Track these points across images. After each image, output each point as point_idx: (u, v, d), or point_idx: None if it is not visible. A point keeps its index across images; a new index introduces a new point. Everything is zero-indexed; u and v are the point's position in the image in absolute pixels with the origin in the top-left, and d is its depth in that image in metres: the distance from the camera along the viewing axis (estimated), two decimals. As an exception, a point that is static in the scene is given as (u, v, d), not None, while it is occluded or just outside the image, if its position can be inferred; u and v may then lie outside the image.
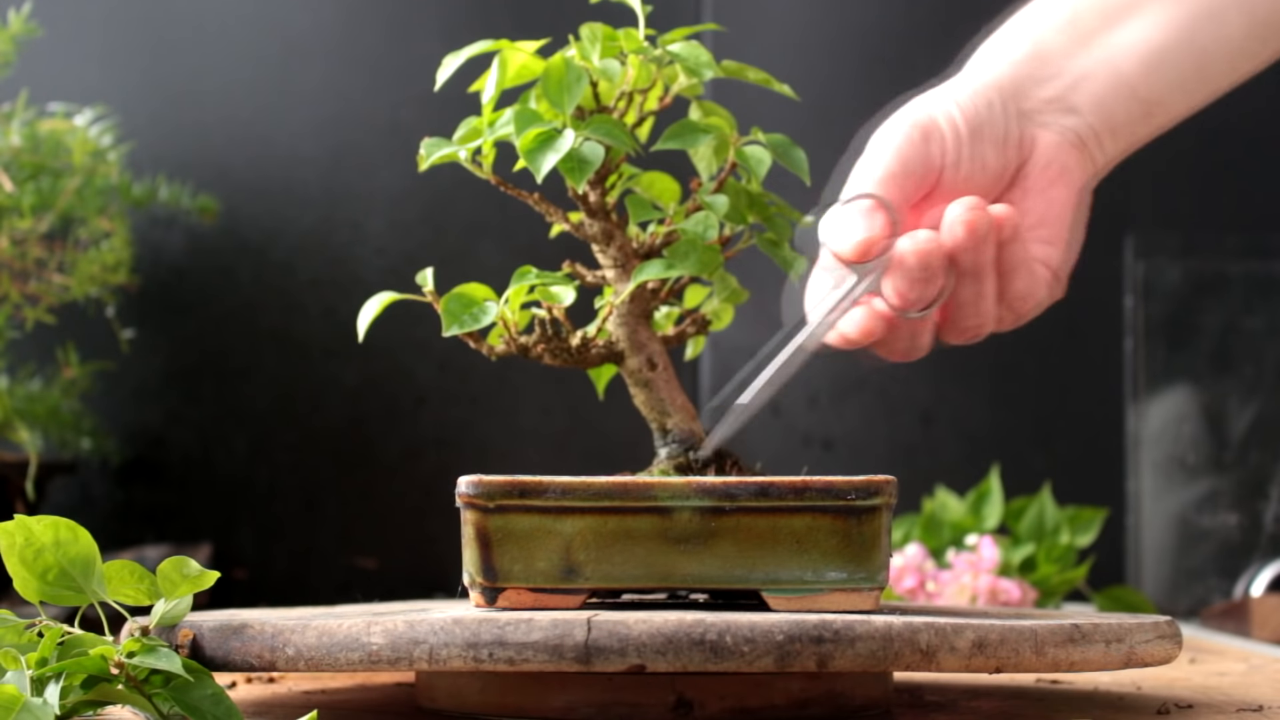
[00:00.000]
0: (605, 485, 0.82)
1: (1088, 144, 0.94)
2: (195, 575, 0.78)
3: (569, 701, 0.82)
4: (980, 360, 1.77)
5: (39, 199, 1.50)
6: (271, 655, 0.80)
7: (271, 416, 1.71)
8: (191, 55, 1.72)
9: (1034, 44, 0.94)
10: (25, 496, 1.48)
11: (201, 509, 1.70)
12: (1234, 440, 1.71)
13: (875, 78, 1.78)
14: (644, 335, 0.93)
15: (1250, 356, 1.73)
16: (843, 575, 0.82)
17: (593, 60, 0.91)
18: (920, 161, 0.91)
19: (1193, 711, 0.88)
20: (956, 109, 0.92)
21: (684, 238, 0.92)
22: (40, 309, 1.53)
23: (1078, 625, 0.81)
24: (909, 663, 0.77)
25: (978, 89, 0.93)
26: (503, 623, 0.76)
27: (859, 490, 0.82)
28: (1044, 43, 0.94)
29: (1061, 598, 1.52)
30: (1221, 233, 1.76)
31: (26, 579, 0.78)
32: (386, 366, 1.72)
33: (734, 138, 0.94)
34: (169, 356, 1.71)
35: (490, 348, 0.93)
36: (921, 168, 0.92)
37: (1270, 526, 1.70)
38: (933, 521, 1.56)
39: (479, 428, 1.73)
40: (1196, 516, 1.72)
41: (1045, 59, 0.94)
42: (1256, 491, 1.71)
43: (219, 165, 1.71)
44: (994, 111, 0.93)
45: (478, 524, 0.82)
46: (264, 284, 1.72)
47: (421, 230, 1.73)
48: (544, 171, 0.88)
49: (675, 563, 0.82)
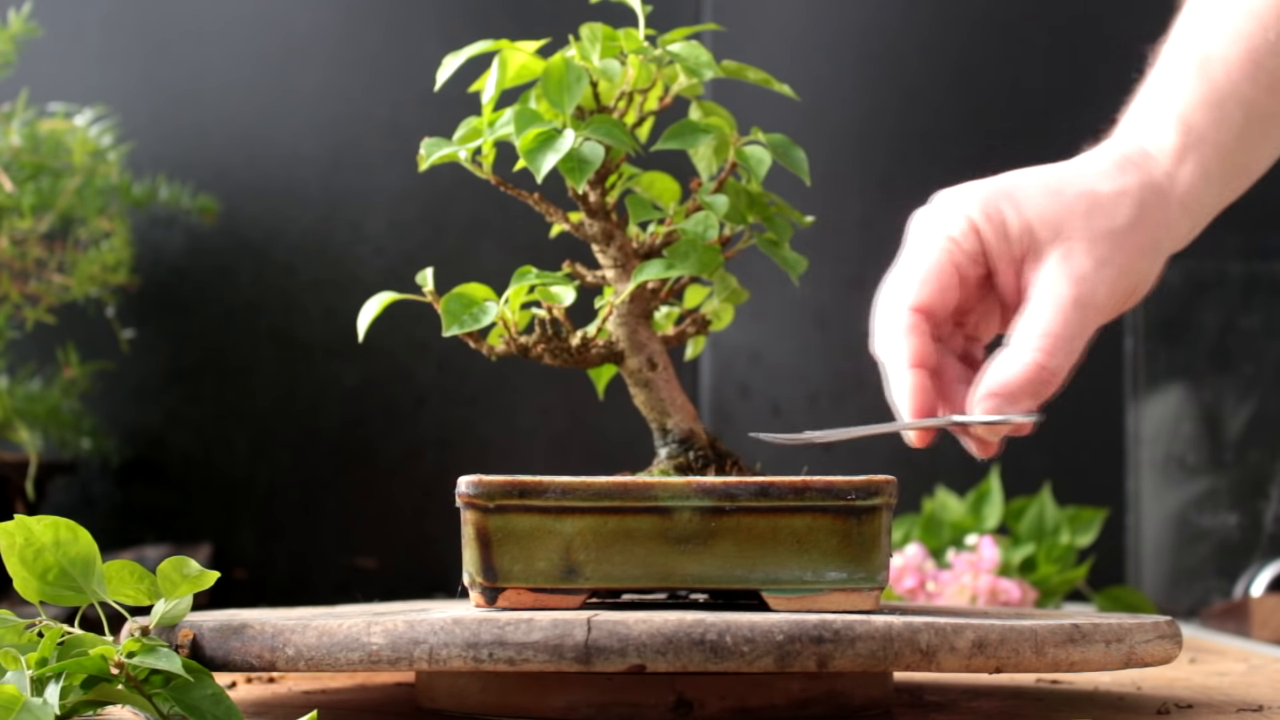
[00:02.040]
0: (605, 485, 0.82)
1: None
2: (195, 575, 0.78)
3: (569, 701, 0.82)
4: (980, 360, 1.77)
5: (39, 199, 1.50)
6: (271, 655, 0.80)
7: (271, 416, 1.71)
8: (191, 55, 1.73)
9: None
10: (25, 496, 1.48)
11: (201, 509, 1.71)
12: (1233, 440, 1.71)
13: (874, 78, 1.78)
14: (644, 335, 0.93)
15: (1249, 356, 1.73)
16: (843, 575, 0.82)
17: (593, 60, 0.91)
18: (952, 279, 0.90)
19: (1193, 711, 0.88)
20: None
21: (684, 238, 0.92)
22: (40, 309, 1.53)
23: (1078, 625, 0.81)
24: (909, 663, 0.77)
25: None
26: (503, 623, 0.76)
27: (859, 490, 0.82)
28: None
29: (1061, 598, 1.52)
30: (1221, 233, 1.76)
31: (26, 579, 0.78)
32: (386, 366, 1.72)
33: (734, 138, 0.94)
34: (169, 356, 1.71)
35: (490, 348, 0.93)
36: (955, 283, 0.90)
37: (1270, 526, 1.70)
38: (933, 521, 1.56)
39: (479, 428, 1.73)
40: (1196, 516, 1.72)
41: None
42: (1256, 491, 1.71)
43: (219, 165, 1.71)
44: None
45: (478, 524, 0.82)
46: (264, 284, 1.72)
47: (421, 230, 1.73)
48: (544, 171, 0.88)
49: (675, 563, 0.82)
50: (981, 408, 0.87)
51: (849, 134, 1.78)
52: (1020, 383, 0.87)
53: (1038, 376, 0.87)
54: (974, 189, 0.90)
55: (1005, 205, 0.89)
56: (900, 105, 1.78)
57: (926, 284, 0.89)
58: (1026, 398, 0.87)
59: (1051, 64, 1.77)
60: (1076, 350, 0.88)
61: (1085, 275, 0.88)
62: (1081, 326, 0.88)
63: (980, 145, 1.76)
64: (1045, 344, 0.87)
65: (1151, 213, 0.90)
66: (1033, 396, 0.87)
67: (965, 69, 1.77)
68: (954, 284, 0.90)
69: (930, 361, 0.89)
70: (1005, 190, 0.90)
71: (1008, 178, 0.91)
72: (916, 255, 0.90)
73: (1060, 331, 0.87)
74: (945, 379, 0.91)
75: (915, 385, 0.88)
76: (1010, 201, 0.89)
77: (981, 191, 0.90)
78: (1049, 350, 0.87)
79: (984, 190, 0.90)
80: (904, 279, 0.90)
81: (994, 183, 0.90)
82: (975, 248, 0.89)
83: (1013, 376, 0.87)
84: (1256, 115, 0.92)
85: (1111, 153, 0.92)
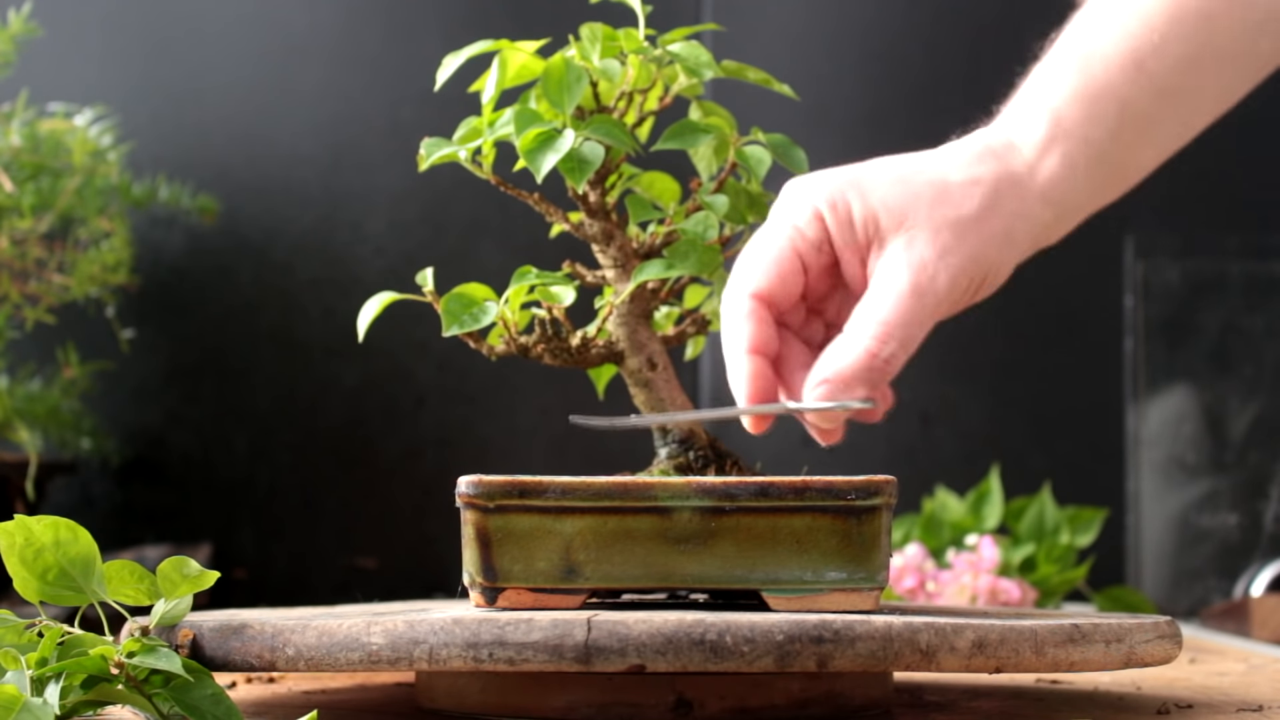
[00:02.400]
0: (605, 485, 0.82)
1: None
2: (195, 575, 0.78)
3: (569, 701, 0.82)
4: (980, 360, 1.78)
5: (39, 199, 1.50)
6: (271, 655, 0.80)
7: (271, 416, 1.71)
8: (191, 55, 1.73)
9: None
10: (25, 496, 1.48)
11: (201, 509, 1.71)
12: (1234, 440, 1.71)
13: (875, 77, 1.78)
14: (644, 335, 0.93)
15: (1250, 356, 1.73)
16: (843, 575, 0.82)
17: (593, 60, 0.91)
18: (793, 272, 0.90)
19: (1193, 711, 0.88)
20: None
21: (684, 238, 0.92)
22: (40, 309, 1.53)
23: (1078, 625, 0.81)
24: (909, 663, 0.77)
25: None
26: (503, 623, 0.76)
27: (859, 490, 0.82)
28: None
29: (1061, 598, 1.52)
30: (1221, 233, 1.76)
31: (26, 579, 0.78)
32: (386, 366, 1.72)
33: (734, 138, 0.94)
34: (169, 356, 1.71)
35: (490, 348, 0.93)
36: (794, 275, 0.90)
37: (1270, 526, 1.70)
38: (933, 521, 1.56)
39: (479, 428, 1.73)
40: (1196, 516, 1.72)
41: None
42: (1256, 491, 1.71)
43: (219, 165, 1.71)
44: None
45: (478, 524, 0.82)
46: (264, 284, 1.72)
47: (421, 230, 1.73)
48: (544, 171, 0.88)
49: (675, 563, 0.82)
50: (815, 395, 0.87)
51: (849, 134, 1.78)
52: (852, 370, 0.86)
53: (869, 364, 0.86)
54: (824, 177, 0.90)
55: (852, 194, 0.89)
56: (901, 105, 1.78)
57: (767, 272, 0.89)
58: (859, 385, 0.86)
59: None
60: (913, 339, 0.87)
61: (926, 263, 0.87)
62: (918, 314, 0.87)
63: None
64: (879, 331, 0.86)
65: (1006, 202, 0.89)
66: (866, 384, 0.87)
67: (966, 69, 1.77)
68: (796, 271, 0.89)
69: (770, 348, 0.89)
70: (854, 179, 0.89)
71: (861, 166, 0.90)
72: (760, 243, 0.90)
73: (895, 319, 0.86)
74: (790, 365, 0.91)
75: (751, 371, 0.88)
76: (857, 190, 0.89)
77: (831, 180, 0.89)
78: (881, 338, 0.86)
79: (833, 179, 0.89)
80: (747, 266, 0.89)
81: (845, 171, 0.90)
82: (819, 236, 0.89)
83: (845, 364, 0.86)
84: (1133, 115, 0.92)
85: (975, 144, 0.91)
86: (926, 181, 0.89)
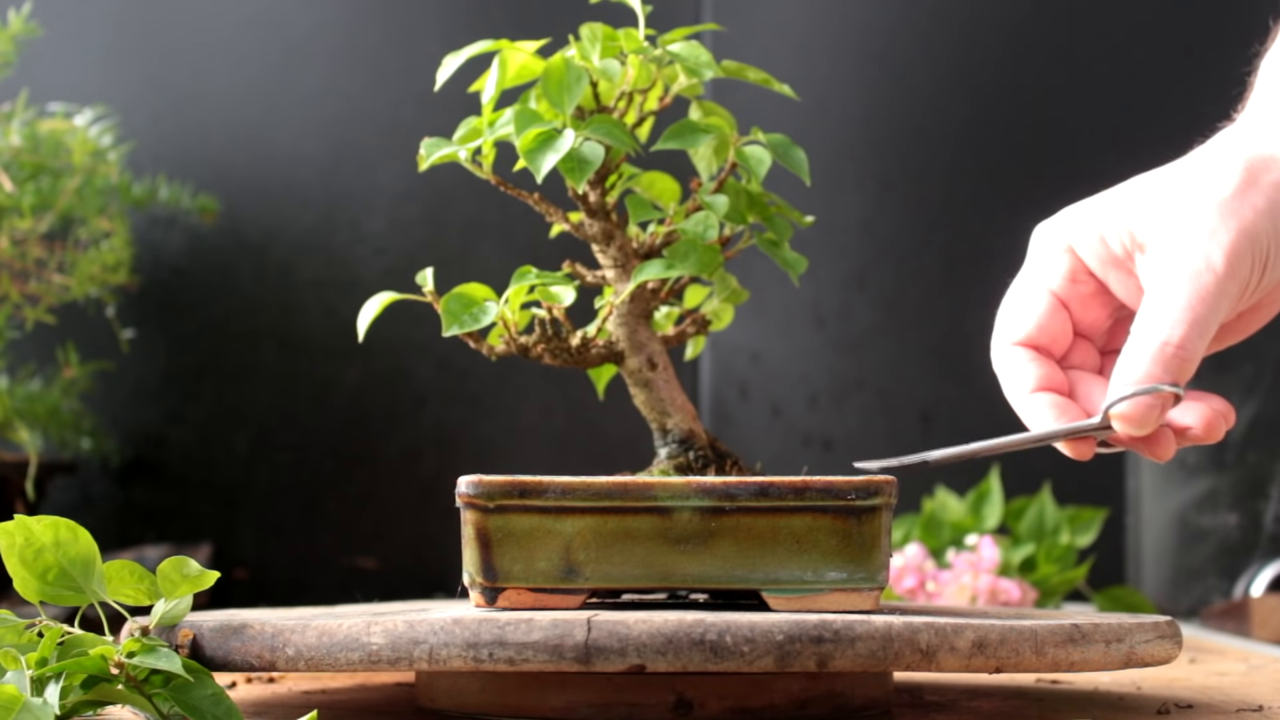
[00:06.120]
0: (605, 485, 0.82)
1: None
2: (195, 575, 0.78)
3: (569, 701, 0.82)
4: (980, 360, 1.77)
5: (39, 199, 1.50)
6: (271, 655, 0.80)
7: (271, 416, 1.71)
8: (192, 55, 1.73)
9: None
10: (25, 496, 1.48)
11: (201, 509, 1.71)
12: (1234, 440, 1.71)
13: (874, 77, 1.78)
14: (644, 335, 0.93)
15: (1250, 356, 1.73)
16: (843, 575, 0.82)
17: (593, 60, 0.91)
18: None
19: (1193, 711, 0.88)
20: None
21: (684, 238, 0.92)
22: (40, 309, 1.53)
23: (1078, 625, 0.81)
24: (909, 663, 0.77)
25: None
26: (503, 623, 0.76)
27: (859, 490, 0.82)
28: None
29: (1061, 598, 1.52)
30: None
31: (26, 579, 0.78)
32: (386, 366, 1.72)
33: (734, 138, 0.94)
34: (169, 356, 1.71)
35: (490, 348, 0.93)
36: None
37: (1270, 526, 1.69)
38: (933, 521, 1.56)
39: (479, 428, 1.73)
40: (1196, 516, 1.72)
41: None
42: (1256, 491, 1.71)
43: (219, 165, 1.71)
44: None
45: (478, 524, 0.82)
46: (264, 284, 1.72)
47: (421, 230, 1.73)
48: (544, 171, 0.88)
49: (675, 563, 0.82)
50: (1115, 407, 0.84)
51: (849, 134, 1.78)
52: (1148, 366, 0.83)
53: (1162, 353, 0.83)
54: (1066, 211, 0.88)
55: (1096, 214, 0.86)
56: (901, 105, 1.78)
57: (1024, 319, 0.88)
58: (1159, 377, 0.83)
59: (1052, 63, 1.77)
60: (1202, 320, 0.83)
61: (1195, 245, 0.84)
62: (1200, 295, 0.83)
63: (981, 145, 1.76)
64: (1164, 319, 0.83)
65: (1265, 175, 0.85)
66: (1166, 374, 0.83)
67: (966, 68, 1.77)
68: (1055, 310, 0.88)
69: (1051, 384, 0.87)
70: (1095, 202, 0.87)
71: (1102, 193, 0.89)
72: (1013, 292, 0.89)
73: (1177, 304, 0.83)
74: (1082, 395, 0.88)
75: (1040, 405, 0.86)
76: (1102, 209, 0.86)
77: (1073, 211, 0.87)
78: (1170, 325, 0.83)
79: (1074, 209, 0.87)
80: (1004, 318, 0.88)
81: (1087, 201, 0.88)
82: (1073, 266, 0.87)
83: (1138, 360, 0.83)
84: None
85: (1215, 140, 0.88)
86: (1173, 180, 0.86)
